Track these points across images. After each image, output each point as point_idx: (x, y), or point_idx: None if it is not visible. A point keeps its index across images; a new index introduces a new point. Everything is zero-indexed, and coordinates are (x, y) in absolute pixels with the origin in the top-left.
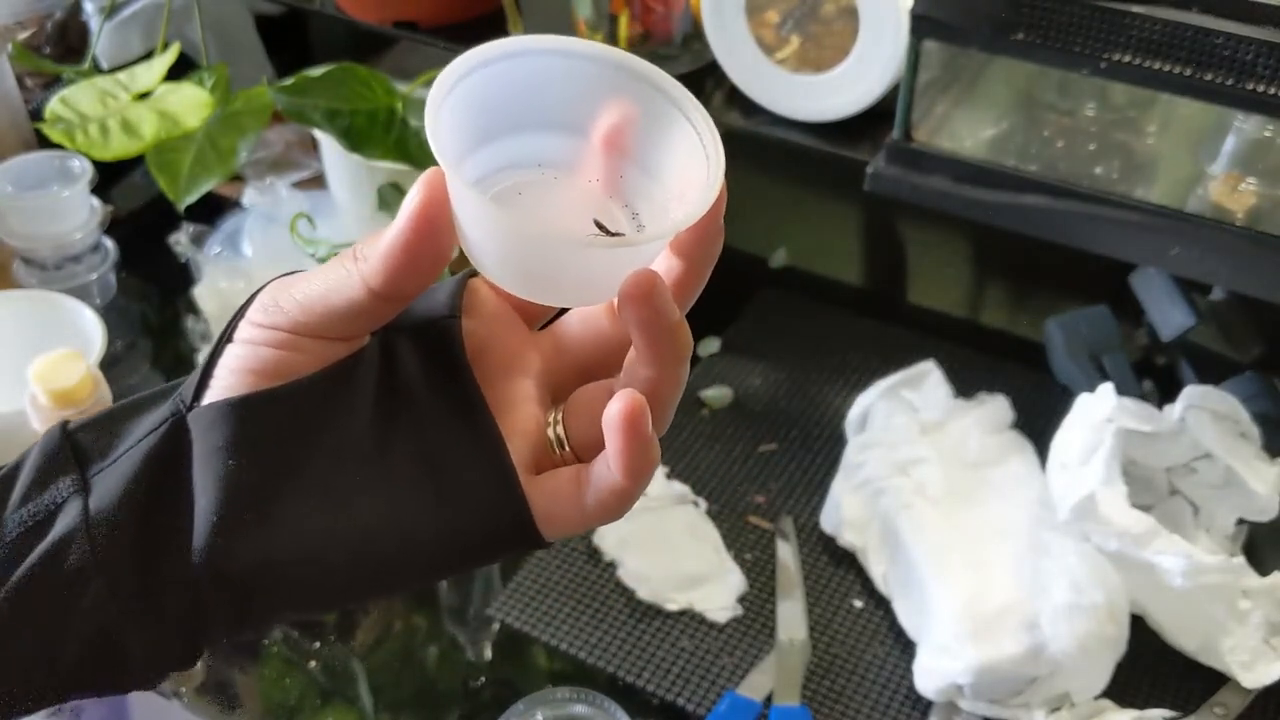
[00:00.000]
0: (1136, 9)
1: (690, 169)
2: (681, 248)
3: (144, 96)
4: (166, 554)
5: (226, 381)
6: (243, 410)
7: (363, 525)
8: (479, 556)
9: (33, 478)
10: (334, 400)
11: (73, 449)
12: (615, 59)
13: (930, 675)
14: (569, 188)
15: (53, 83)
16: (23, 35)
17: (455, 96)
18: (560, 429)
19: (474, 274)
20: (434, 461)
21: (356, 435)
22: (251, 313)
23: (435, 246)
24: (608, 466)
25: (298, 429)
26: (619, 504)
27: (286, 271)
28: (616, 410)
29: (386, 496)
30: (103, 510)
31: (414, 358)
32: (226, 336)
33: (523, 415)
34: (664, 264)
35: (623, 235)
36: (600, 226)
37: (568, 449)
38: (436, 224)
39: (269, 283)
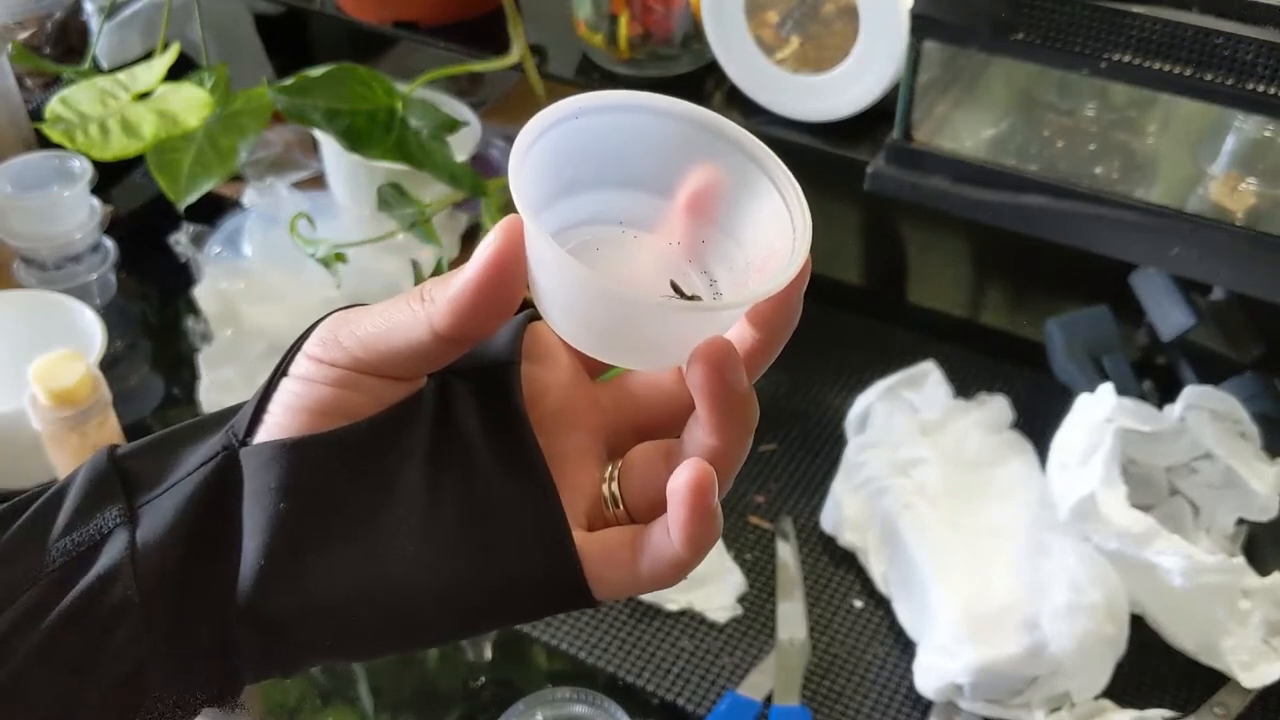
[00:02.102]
0: (1136, 9)
1: (774, 238)
2: (759, 318)
3: (144, 96)
4: (207, 593)
5: (281, 420)
6: (297, 454)
7: (406, 577)
8: (524, 613)
9: (78, 504)
10: (388, 445)
11: (120, 476)
12: (705, 120)
13: (930, 675)
14: (648, 248)
15: (53, 83)
16: (23, 35)
17: (541, 146)
18: (615, 486)
19: (536, 316)
20: (485, 513)
21: (408, 482)
22: (310, 346)
23: (507, 294)
24: (667, 535)
25: (351, 474)
26: (675, 575)
27: (345, 306)
28: (684, 481)
29: (434, 549)
30: (150, 544)
31: (471, 403)
32: (282, 369)
33: (579, 470)
34: (737, 333)
35: (699, 300)
36: (677, 290)
37: (621, 508)
38: (510, 271)
39: (328, 315)
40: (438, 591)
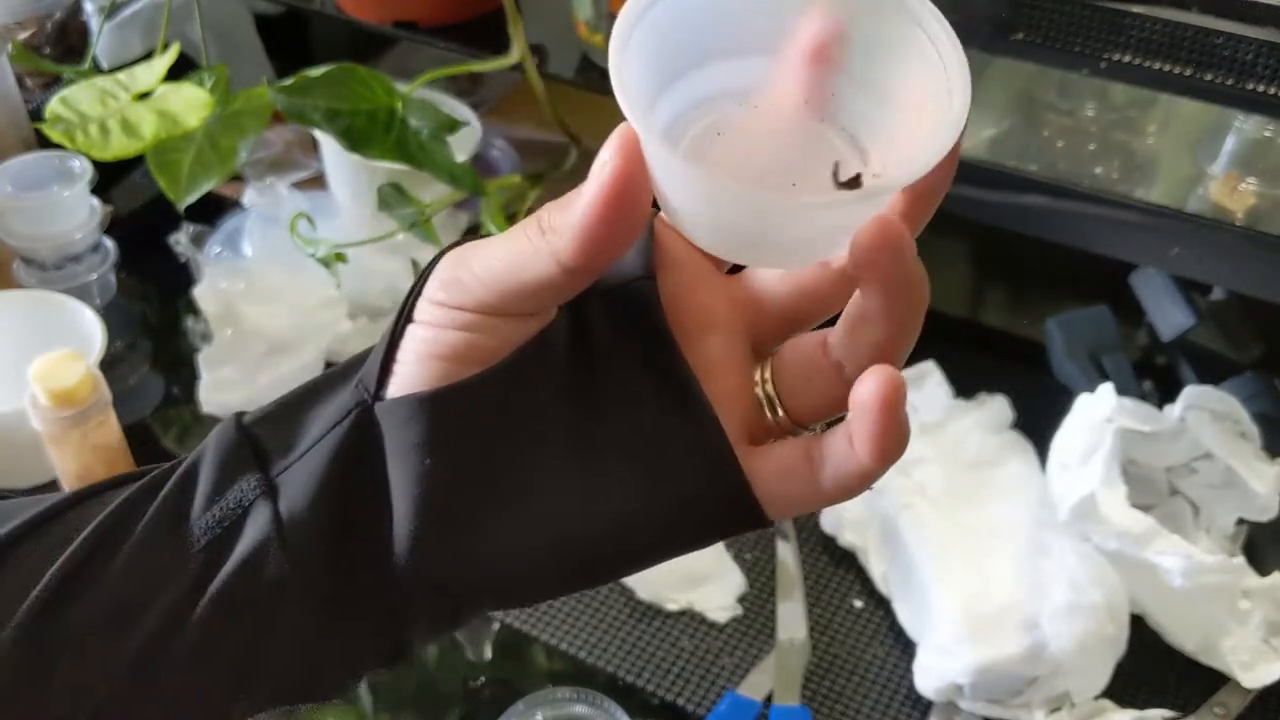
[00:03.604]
0: (1136, 9)
1: (921, 85)
2: (912, 185)
3: (144, 96)
4: (365, 559)
5: (413, 370)
6: (437, 406)
7: (568, 518)
8: (697, 540)
9: (215, 477)
10: (529, 386)
11: (251, 445)
12: None
13: (930, 675)
14: (775, 118)
15: (53, 83)
16: (23, 35)
17: (637, 38)
18: (770, 388)
19: (656, 216)
20: (640, 443)
21: (554, 420)
22: (431, 290)
23: (633, 214)
24: (849, 446)
25: (495, 423)
26: (861, 485)
27: (458, 241)
28: (872, 392)
29: (593, 486)
30: (296, 514)
31: (608, 326)
32: (407, 316)
33: (729, 378)
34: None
35: (855, 187)
36: (831, 174)
37: (780, 412)
38: (634, 188)
39: (442, 254)
40: (603, 533)
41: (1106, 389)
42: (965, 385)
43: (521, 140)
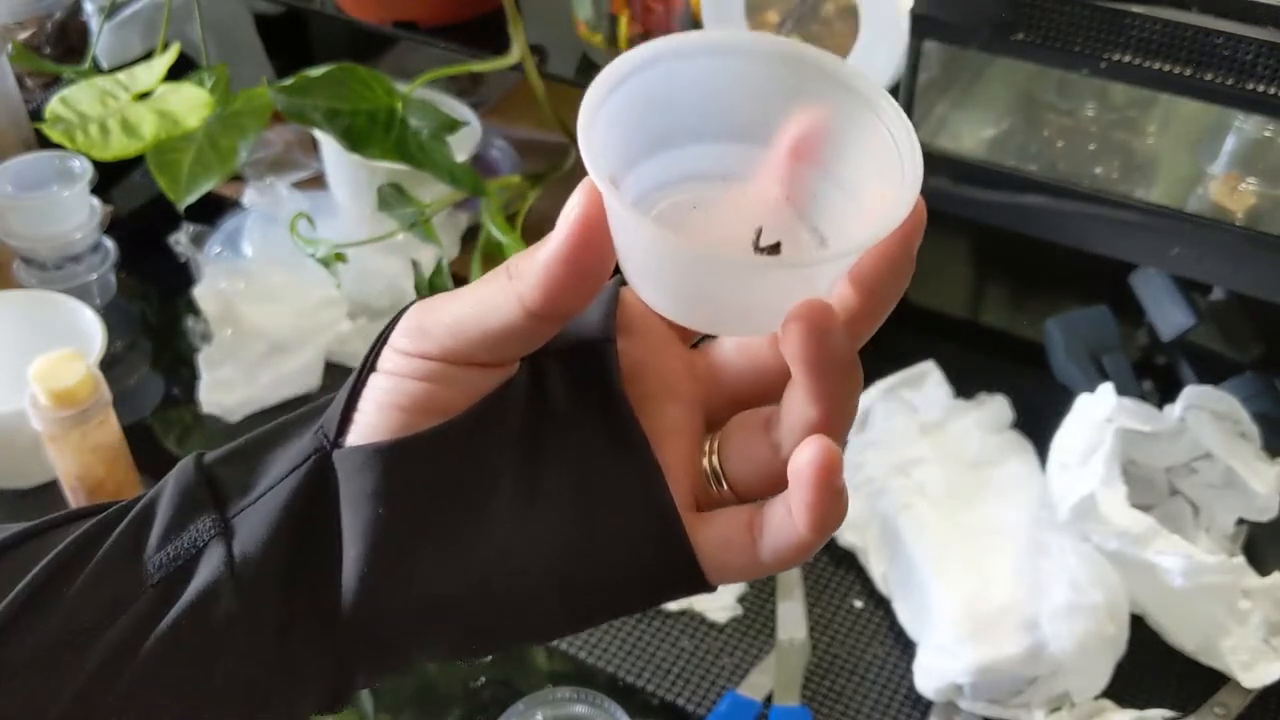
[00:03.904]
0: (1136, 9)
1: (881, 183)
2: (861, 278)
3: (144, 96)
4: (312, 603)
5: (373, 419)
6: (392, 457)
7: (512, 575)
8: (639, 601)
9: (171, 516)
10: (485, 440)
11: (209, 485)
12: (799, 55)
13: (930, 675)
14: (751, 204)
15: (53, 83)
16: (23, 35)
17: (616, 100)
18: (716, 460)
19: (624, 284)
20: (588, 501)
21: (508, 477)
22: (396, 339)
23: (596, 260)
24: (788, 516)
25: (448, 474)
26: (799, 557)
27: (425, 296)
28: (808, 461)
29: (539, 545)
30: (248, 557)
31: (566, 385)
32: (370, 365)
33: (681, 448)
34: (838, 295)
35: (795, 257)
36: (765, 247)
37: (725, 485)
38: (598, 235)
39: (411, 304)
40: (547, 586)
41: (1106, 389)
42: (965, 385)
43: (521, 140)
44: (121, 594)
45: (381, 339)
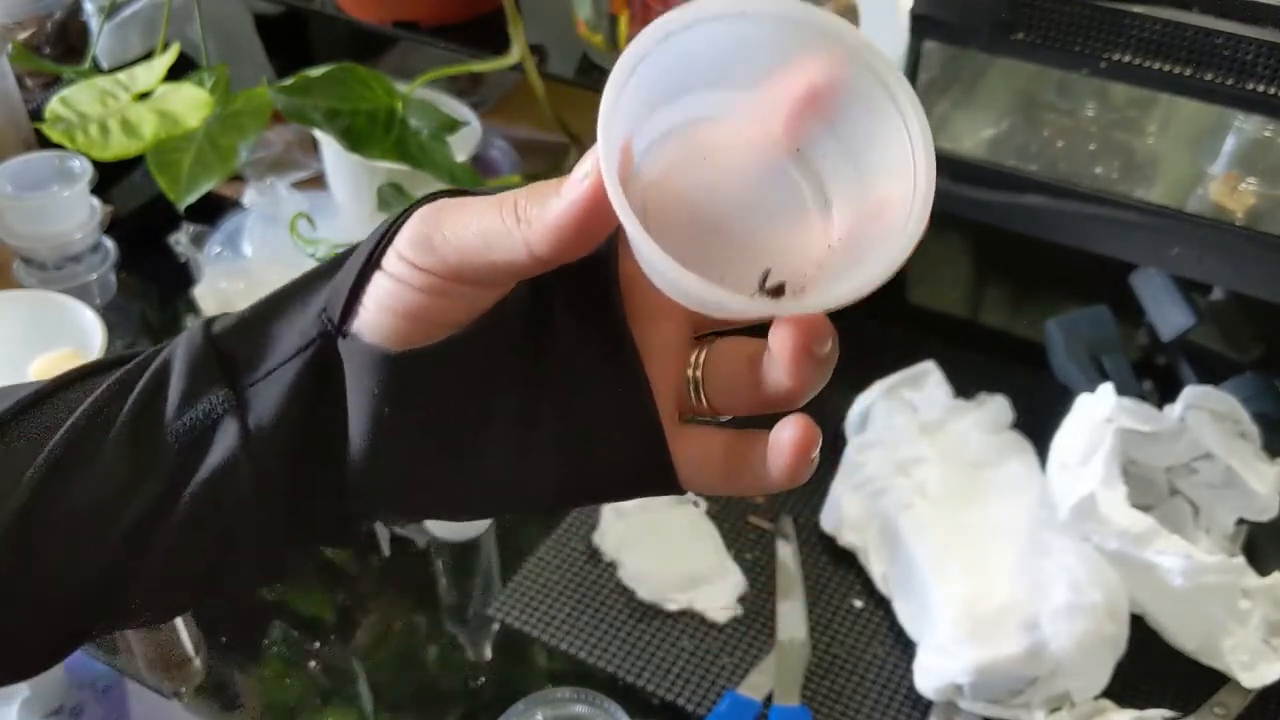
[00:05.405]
0: (1136, 9)
1: (892, 180)
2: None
3: (144, 96)
4: (321, 478)
5: (375, 318)
6: (399, 366)
7: (505, 483)
8: (616, 497)
9: (185, 386)
10: (484, 353)
11: (219, 357)
12: (820, 22)
13: (930, 675)
14: (750, 139)
15: (53, 83)
16: (23, 35)
17: (642, 72)
18: (699, 373)
19: None
20: (581, 417)
21: (505, 386)
22: (402, 244)
23: (605, 225)
24: (764, 464)
25: (451, 388)
26: (762, 493)
27: (435, 194)
28: (789, 438)
29: (533, 445)
30: (262, 431)
31: (564, 298)
32: (375, 261)
33: (669, 362)
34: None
35: (777, 296)
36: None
37: (703, 397)
38: (607, 206)
39: (418, 205)
40: (536, 486)
41: (1106, 389)
42: (965, 385)
43: (521, 140)
44: (149, 455)
45: (387, 236)
